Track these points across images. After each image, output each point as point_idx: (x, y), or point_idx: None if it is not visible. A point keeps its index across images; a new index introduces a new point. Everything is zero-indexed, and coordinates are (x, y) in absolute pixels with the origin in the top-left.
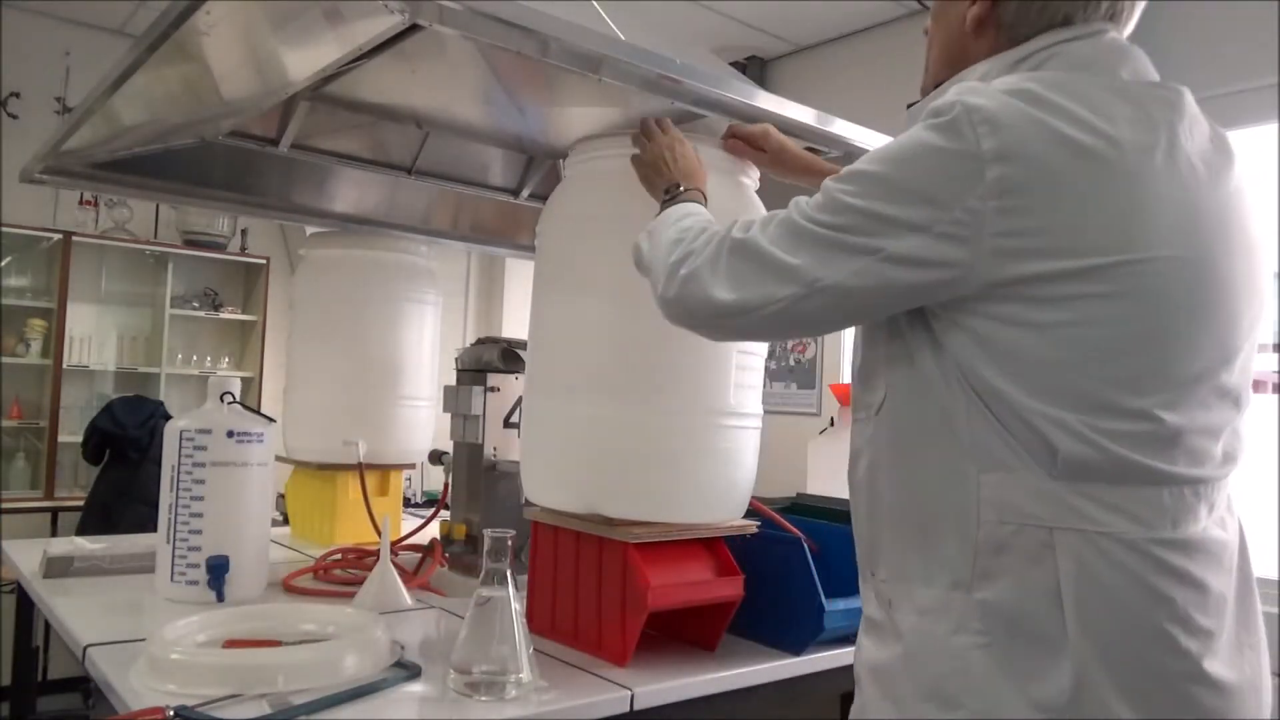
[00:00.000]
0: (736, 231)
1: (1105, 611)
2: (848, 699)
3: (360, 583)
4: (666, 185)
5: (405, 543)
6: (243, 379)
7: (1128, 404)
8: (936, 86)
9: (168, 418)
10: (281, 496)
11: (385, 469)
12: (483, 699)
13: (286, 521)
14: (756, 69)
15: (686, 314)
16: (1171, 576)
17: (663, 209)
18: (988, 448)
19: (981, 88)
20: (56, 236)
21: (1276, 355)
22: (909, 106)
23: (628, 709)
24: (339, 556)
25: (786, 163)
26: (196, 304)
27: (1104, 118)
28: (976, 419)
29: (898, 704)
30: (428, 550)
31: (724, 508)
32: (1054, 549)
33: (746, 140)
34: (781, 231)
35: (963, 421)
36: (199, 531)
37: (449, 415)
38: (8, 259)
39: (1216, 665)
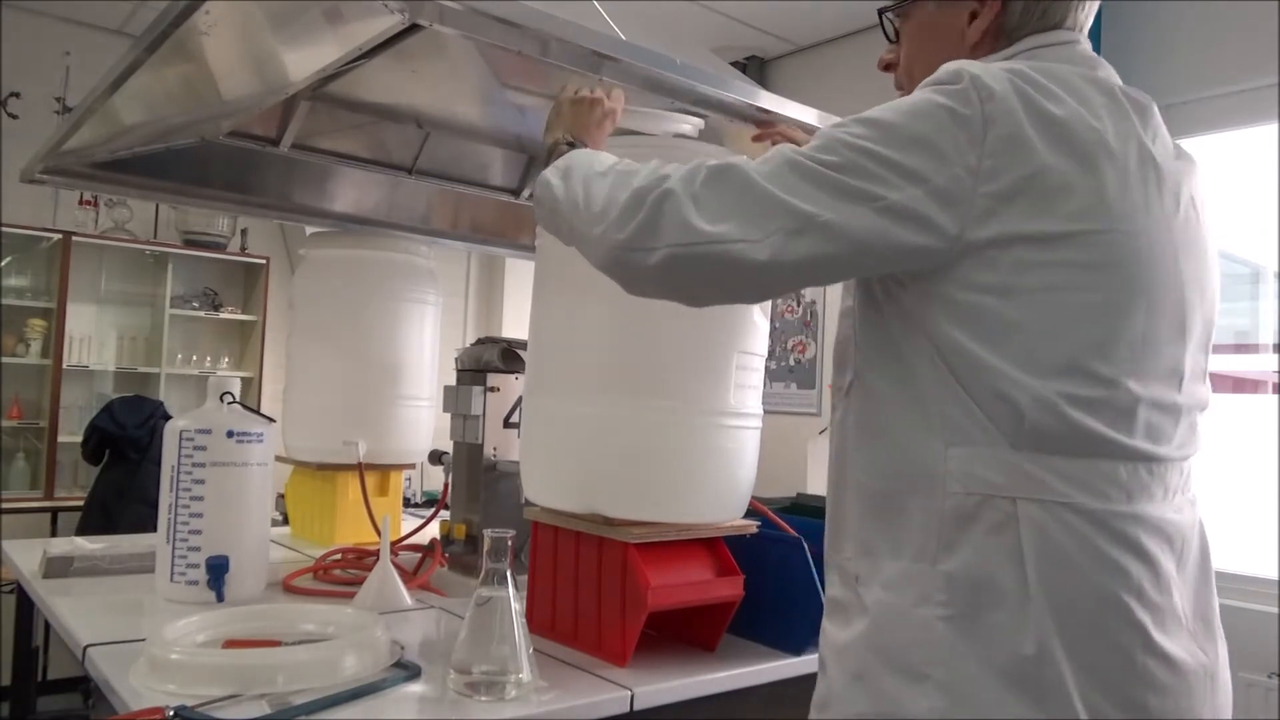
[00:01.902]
0: (711, 163)
1: (1064, 579)
2: None
3: (360, 583)
4: (561, 136)
5: (405, 543)
6: (242, 379)
7: (1094, 369)
8: None
9: (167, 418)
10: (281, 496)
11: (385, 469)
12: (483, 699)
13: (286, 521)
14: (756, 69)
15: (652, 247)
16: (1127, 548)
17: (555, 153)
18: (955, 422)
19: (978, 63)
20: (56, 236)
21: (1277, 356)
22: None
23: (628, 709)
24: (339, 556)
25: None
26: (196, 304)
27: (1081, 101)
28: (945, 394)
29: (864, 680)
30: (428, 550)
31: (724, 508)
32: (1017, 519)
33: (784, 136)
34: (772, 167)
35: (931, 397)
36: (199, 532)
37: (449, 415)
38: (8, 259)
39: (1167, 641)
